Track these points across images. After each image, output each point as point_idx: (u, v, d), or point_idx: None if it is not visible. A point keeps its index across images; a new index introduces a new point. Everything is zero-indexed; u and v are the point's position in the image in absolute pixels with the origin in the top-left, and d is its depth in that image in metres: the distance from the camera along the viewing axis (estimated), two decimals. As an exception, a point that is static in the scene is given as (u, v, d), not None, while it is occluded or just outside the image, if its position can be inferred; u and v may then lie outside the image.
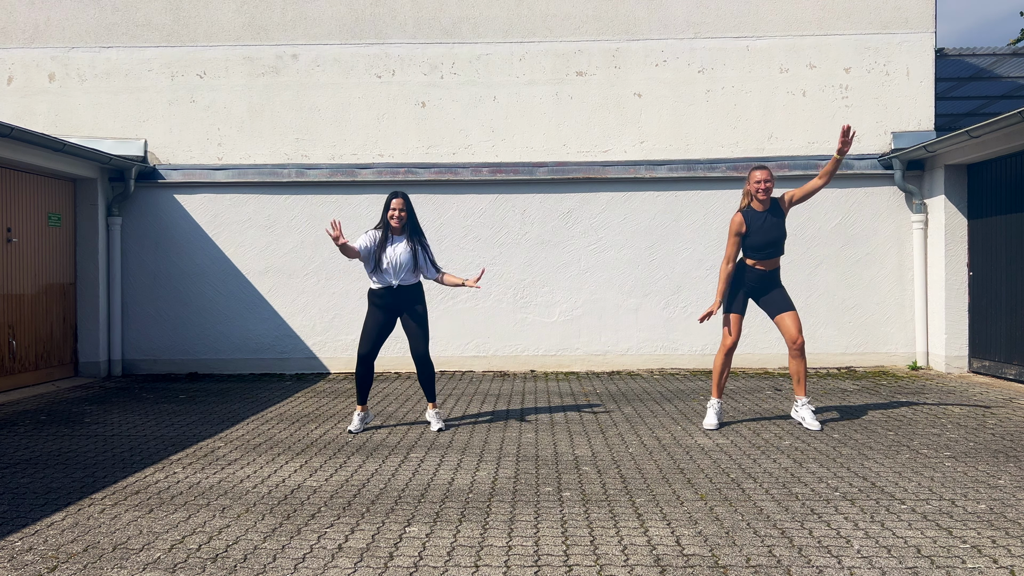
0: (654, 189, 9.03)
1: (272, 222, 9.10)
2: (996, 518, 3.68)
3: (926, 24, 8.93)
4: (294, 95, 9.11)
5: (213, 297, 9.12)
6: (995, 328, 7.97)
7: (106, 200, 8.99)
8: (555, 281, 9.06)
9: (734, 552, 3.28)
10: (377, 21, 9.10)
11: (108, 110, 9.15)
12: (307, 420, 6.22)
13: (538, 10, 9.04)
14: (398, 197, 5.61)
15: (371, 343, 5.66)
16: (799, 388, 5.75)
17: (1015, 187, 7.66)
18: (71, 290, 8.78)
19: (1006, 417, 6.02)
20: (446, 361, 9.00)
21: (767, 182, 5.56)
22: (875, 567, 3.11)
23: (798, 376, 5.71)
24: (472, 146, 9.07)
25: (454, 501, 4.02)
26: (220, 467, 4.76)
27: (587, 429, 5.77)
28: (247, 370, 9.09)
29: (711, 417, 5.73)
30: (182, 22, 9.14)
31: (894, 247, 8.93)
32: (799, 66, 8.98)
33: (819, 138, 8.96)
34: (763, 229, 5.59)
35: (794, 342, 5.61)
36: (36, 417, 6.45)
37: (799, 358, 5.66)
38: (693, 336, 9.01)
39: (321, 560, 3.24)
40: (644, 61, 9.04)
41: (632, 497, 4.06)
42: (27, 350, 8.06)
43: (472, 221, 9.07)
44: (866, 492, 4.10)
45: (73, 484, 4.41)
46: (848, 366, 8.92)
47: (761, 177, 5.56)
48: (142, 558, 3.28)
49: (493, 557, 3.25)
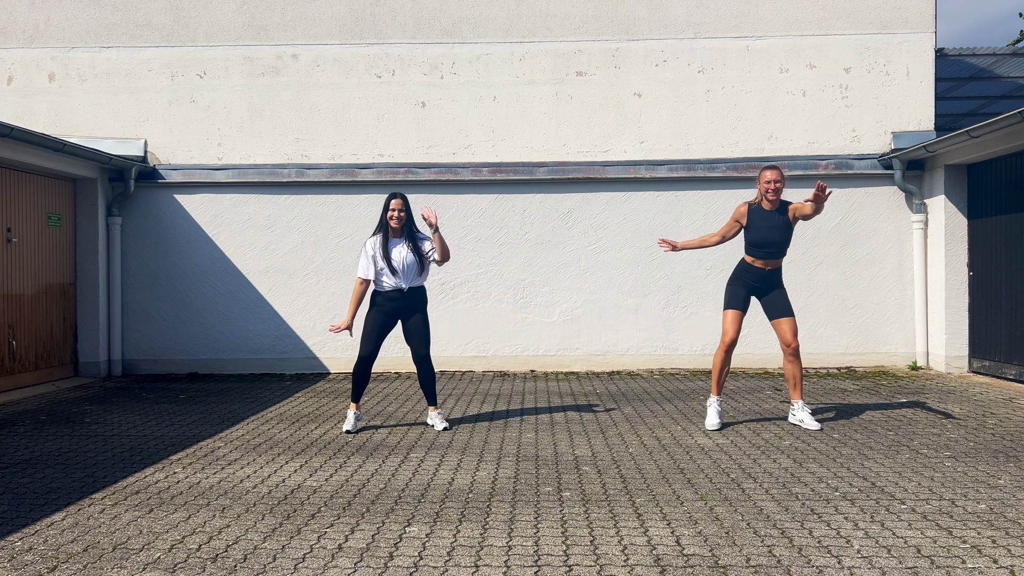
0: (654, 189, 9.03)
1: (272, 222, 9.10)
2: (996, 518, 3.68)
3: (926, 24, 8.93)
4: (294, 95, 9.11)
5: (213, 297, 9.12)
6: (995, 328, 7.97)
7: (106, 200, 8.99)
8: (555, 281, 9.06)
9: (734, 552, 3.28)
10: (377, 21, 9.10)
11: (108, 110, 9.15)
12: (307, 420, 6.22)
13: (538, 10, 9.05)
14: (397, 198, 5.65)
15: (373, 344, 5.68)
16: (795, 392, 5.76)
17: (1015, 187, 7.66)
18: (71, 290, 8.78)
19: (1006, 417, 6.02)
20: (446, 361, 9.00)
21: (777, 183, 5.56)
22: (875, 567, 3.11)
23: (794, 380, 5.72)
24: (472, 146, 9.07)
25: (454, 501, 4.02)
26: (220, 467, 4.76)
27: (587, 429, 5.77)
28: (247, 370, 9.09)
29: (712, 416, 5.72)
30: (182, 22, 9.14)
31: (894, 247, 8.93)
32: (799, 66, 8.98)
33: (819, 138, 8.96)
34: (765, 228, 5.59)
35: (788, 346, 5.62)
36: (36, 417, 6.45)
37: (794, 362, 5.67)
38: (693, 336, 9.01)
39: (321, 560, 3.24)
40: (644, 61, 9.04)
41: (632, 497, 4.06)
42: (27, 350, 8.06)
43: (472, 221, 9.07)
44: (866, 492, 4.10)
45: (73, 484, 4.41)
46: (848, 366, 8.92)
47: (771, 177, 5.56)
48: (142, 558, 3.28)
49: (493, 557, 3.25)
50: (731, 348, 5.68)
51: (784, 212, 5.63)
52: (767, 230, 5.59)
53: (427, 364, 5.77)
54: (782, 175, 5.60)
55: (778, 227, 5.60)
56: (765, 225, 5.59)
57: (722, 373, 5.73)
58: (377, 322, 5.69)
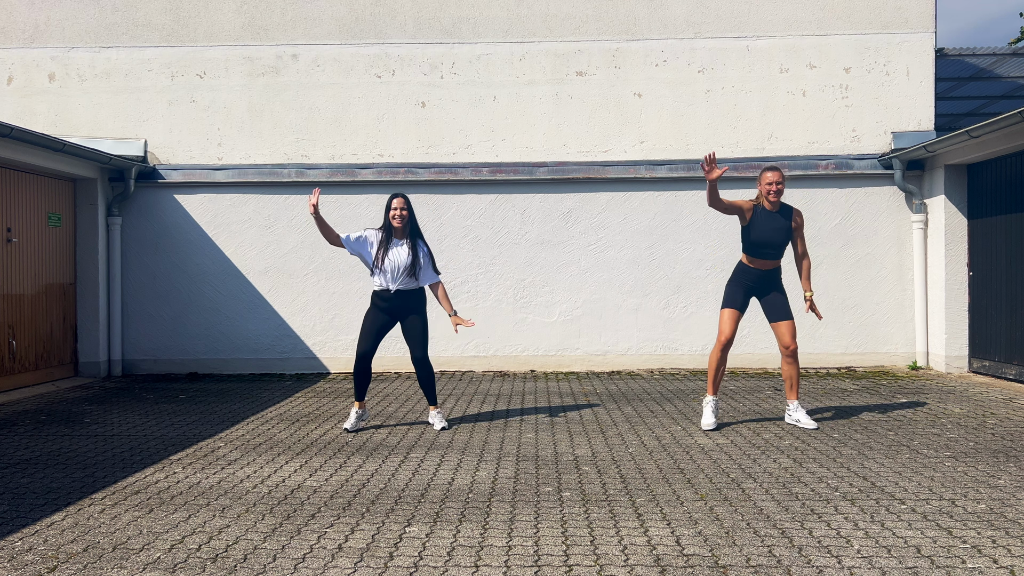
0: (654, 189, 9.03)
1: (272, 222, 9.10)
2: (996, 518, 3.68)
3: (926, 24, 8.93)
4: (294, 95, 9.11)
5: (213, 297, 9.12)
6: (995, 328, 7.97)
7: (106, 200, 8.99)
8: (555, 281, 9.06)
9: (734, 552, 3.28)
10: (377, 21, 9.10)
11: (108, 110, 9.15)
12: (307, 420, 6.22)
13: (538, 10, 9.05)
14: (398, 197, 5.69)
15: (369, 342, 5.69)
16: (791, 393, 5.78)
17: (1015, 187, 7.66)
18: (71, 290, 8.78)
19: (1006, 417, 6.02)
20: (446, 361, 9.00)
21: (778, 184, 5.57)
22: (875, 567, 3.11)
23: (791, 381, 5.74)
24: (472, 146, 9.07)
25: (454, 501, 4.02)
26: (220, 467, 4.76)
27: (587, 429, 5.77)
28: (247, 370, 9.09)
29: (708, 416, 5.71)
30: (182, 22, 9.14)
31: (894, 247, 8.93)
32: (799, 66, 8.98)
33: (819, 138, 8.96)
34: (766, 229, 5.59)
35: (787, 347, 5.64)
36: (36, 417, 6.45)
37: (792, 364, 5.69)
38: (693, 336, 9.01)
39: (321, 560, 3.24)
40: (644, 61, 9.04)
41: (632, 497, 4.06)
42: (27, 350, 8.06)
43: (472, 221, 9.07)
44: (866, 492, 4.10)
45: (73, 484, 4.41)
46: (848, 366, 8.92)
47: (772, 179, 5.58)
48: (142, 558, 3.28)
49: (493, 557, 3.25)
50: (727, 347, 5.68)
51: (787, 216, 5.64)
52: (768, 231, 5.59)
53: (425, 366, 5.78)
54: (783, 176, 5.62)
55: (780, 229, 5.60)
56: (767, 226, 5.60)
57: (718, 373, 5.73)
58: (375, 320, 5.70)
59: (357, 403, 5.80)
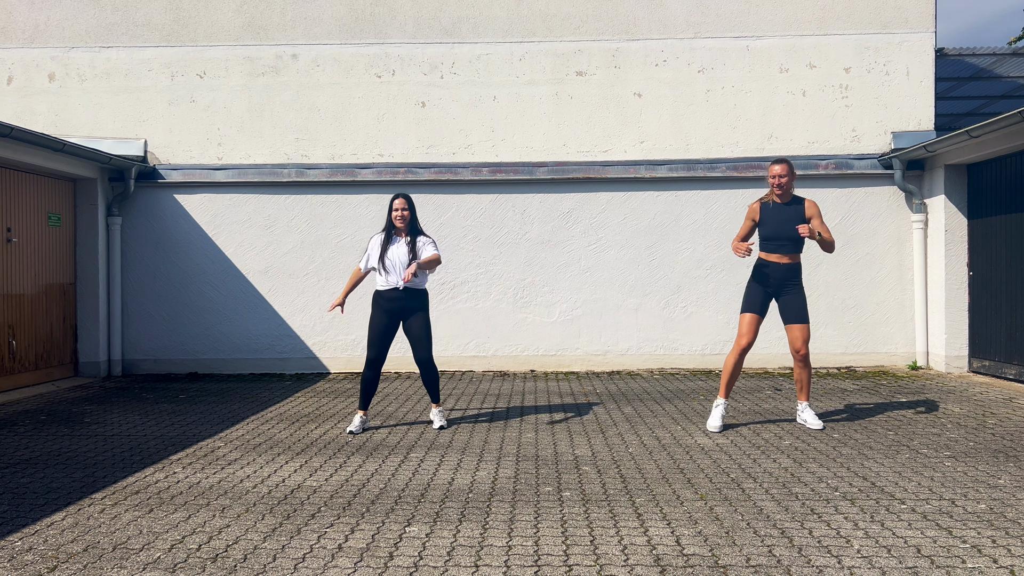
0: (654, 189, 9.03)
1: (272, 222, 9.10)
2: (996, 518, 3.68)
3: (926, 24, 8.93)
4: (294, 95, 9.11)
5: (213, 297, 9.12)
6: (995, 328, 7.97)
7: (106, 200, 8.99)
8: (555, 281, 9.06)
9: (734, 552, 3.28)
10: (377, 21, 9.10)
11: (108, 110, 9.15)
12: (307, 420, 6.22)
13: (538, 10, 9.04)
14: (400, 198, 5.73)
15: (378, 347, 5.67)
16: (801, 394, 5.79)
17: (1015, 187, 7.66)
18: (71, 290, 8.78)
19: (1006, 417, 6.02)
20: (446, 361, 8.99)
21: (782, 176, 5.56)
22: (875, 567, 3.11)
23: (800, 383, 5.76)
24: (472, 146, 9.07)
25: (454, 501, 4.02)
26: (220, 467, 4.76)
27: (587, 429, 5.77)
28: (247, 370, 9.09)
29: (715, 419, 5.69)
30: (182, 22, 9.14)
31: (894, 247, 8.93)
32: (799, 66, 8.98)
33: (819, 138, 8.96)
34: (777, 221, 5.58)
35: (797, 352, 5.64)
36: (36, 417, 6.45)
37: (803, 368, 5.69)
38: (693, 336, 9.01)
39: (321, 560, 3.24)
40: (644, 61, 9.04)
41: (632, 497, 4.06)
42: (27, 350, 8.06)
43: (472, 221, 9.07)
44: (866, 492, 4.10)
45: (73, 484, 4.41)
46: (848, 366, 8.92)
47: (777, 172, 5.58)
48: (142, 558, 3.28)
49: (493, 557, 3.25)
50: (744, 352, 5.62)
51: (798, 207, 5.60)
52: (778, 223, 5.58)
53: (429, 366, 5.75)
54: (789, 168, 5.58)
55: (792, 220, 5.56)
56: (777, 218, 5.59)
57: (732, 377, 5.69)
58: (379, 324, 5.69)
59: (361, 411, 5.78)
